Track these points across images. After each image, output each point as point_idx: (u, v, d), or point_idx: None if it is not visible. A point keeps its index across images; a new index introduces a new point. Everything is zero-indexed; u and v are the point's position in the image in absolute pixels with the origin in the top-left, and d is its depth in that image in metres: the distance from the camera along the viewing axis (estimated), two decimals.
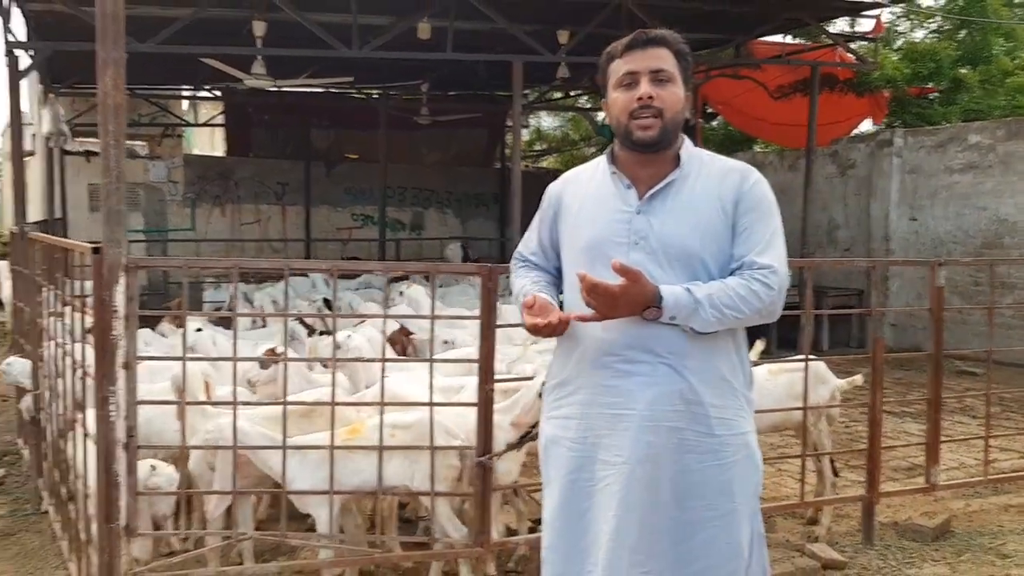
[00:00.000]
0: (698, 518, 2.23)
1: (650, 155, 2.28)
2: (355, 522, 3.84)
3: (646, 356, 2.21)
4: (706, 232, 2.24)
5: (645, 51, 2.26)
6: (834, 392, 4.50)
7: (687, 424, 2.21)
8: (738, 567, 2.27)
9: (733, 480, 2.24)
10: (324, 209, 16.36)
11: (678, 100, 2.26)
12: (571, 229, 2.39)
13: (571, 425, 2.32)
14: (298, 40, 8.74)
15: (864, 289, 10.99)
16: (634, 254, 2.23)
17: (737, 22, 10.15)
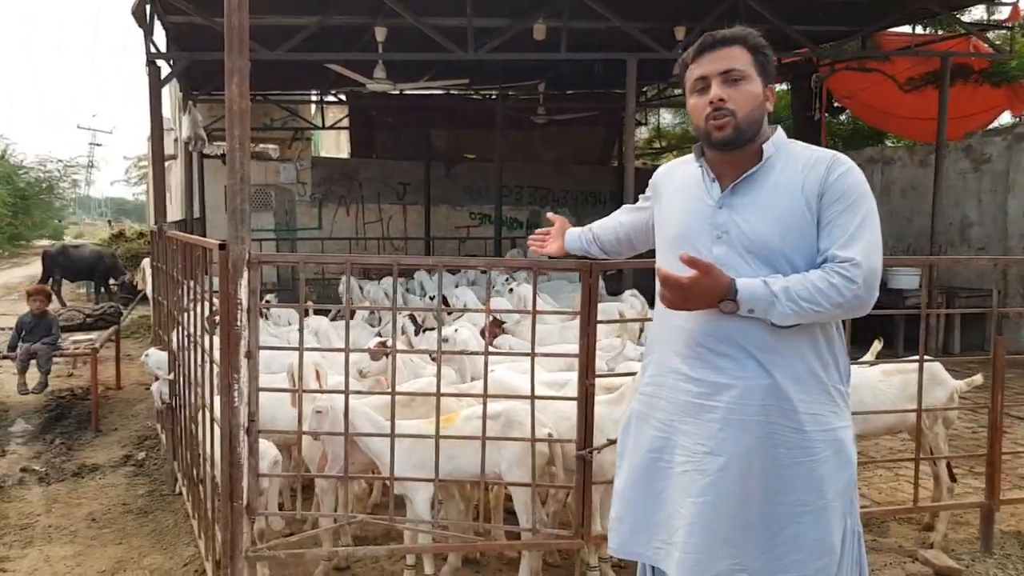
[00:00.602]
0: (788, 512, 2.22)
1: (731, 153, 2.29)
2: (457, 508, 3.98)
3: (732, 350, 2.23)
4: (788, 226, 2.21)
5: (715, 53, 2.27)
6: (952, 394, 4.33)
7: (776, 419, 2.21)
8: (829, 564, 2.25)
9: (824, 476, 2.22)
10: (443, 208, 16.75)
11: (752, 97, 2.25)
12: (662, 219, 2.47)
13: (657, 404, 2.37)
14: (416, 44, 9.01)
15: (1001, 289, 10.43)
16: (717, 248, 2.25)
17: (861, 13, 9.80)
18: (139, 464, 6.05)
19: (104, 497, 5.39)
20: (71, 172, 38.47)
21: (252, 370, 3.37)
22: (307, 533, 3.90)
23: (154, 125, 8.22)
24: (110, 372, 8.73)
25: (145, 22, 8.04)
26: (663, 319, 2.38)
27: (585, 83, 14.82)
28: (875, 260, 2.17)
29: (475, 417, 3.66)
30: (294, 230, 15.37)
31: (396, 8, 8.08)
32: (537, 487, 3.71)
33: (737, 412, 2.21)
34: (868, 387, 4.22)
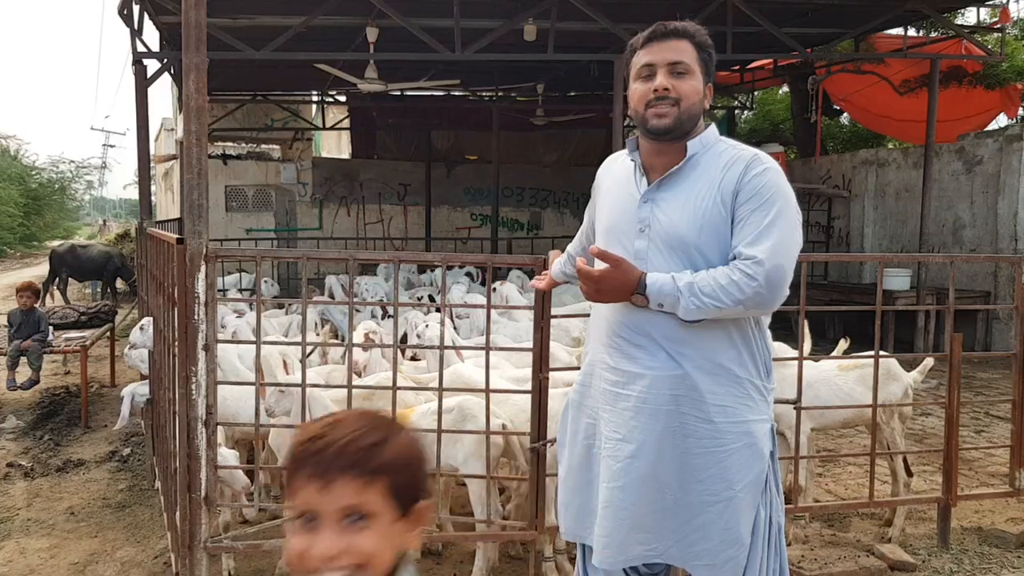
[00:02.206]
0: (698, 501, 2.28)
1: (665, 144, 2.31)
2: None
3: (646, 341, 2.29)
4: (704, 222, 2.24)
5: (664, 43, 2.28)
6: (906, 389, 4.38)
7: (687, 409, 2.26)
8: (738, 555, 2.29)
9: (732, 468, 2.26)
10: (444, 209, 16.84)
11: (695, 91, 2.27)
12: (600, 212, 2.53)
13: (588, 393, 2.47)
14: (408, 45, 9.11)
15: (991, 291, 10.43)
16: (639, 241, 2.31)
17: (851, 15, 9.84)
18: (124, 460, 6.14)
19: (85, 491, 5.49)
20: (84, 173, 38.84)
21: (210, 363, 3.45)
22: (268, 523, 3.98)
23: (140, 124, 8.33)
24: (105, 370, 8.85)
25: (132, 22, 8.17)
26: (595, 311, 2.48)
27: (584, 85, 14.89)
28: (780, 259, 2.18)
29: (431, 412, 3.74)
30: (295, 230, 15.49)
31: (384, 9, 8.18)
32: (492, 479, 3.78)
33: (648, 401, 2.27)
34: (825, 382, 4.28)
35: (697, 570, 2.33)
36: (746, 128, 18.77)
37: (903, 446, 4.47)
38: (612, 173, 2.53)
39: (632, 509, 2.30)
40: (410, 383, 4.21)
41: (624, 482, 2.30)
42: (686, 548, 2.31)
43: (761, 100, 18.56)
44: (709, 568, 2.30)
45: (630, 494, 2.30)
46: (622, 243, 2.32)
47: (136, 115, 8.28)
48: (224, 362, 4.22)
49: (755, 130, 18.48)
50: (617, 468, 2.32)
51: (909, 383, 4.40)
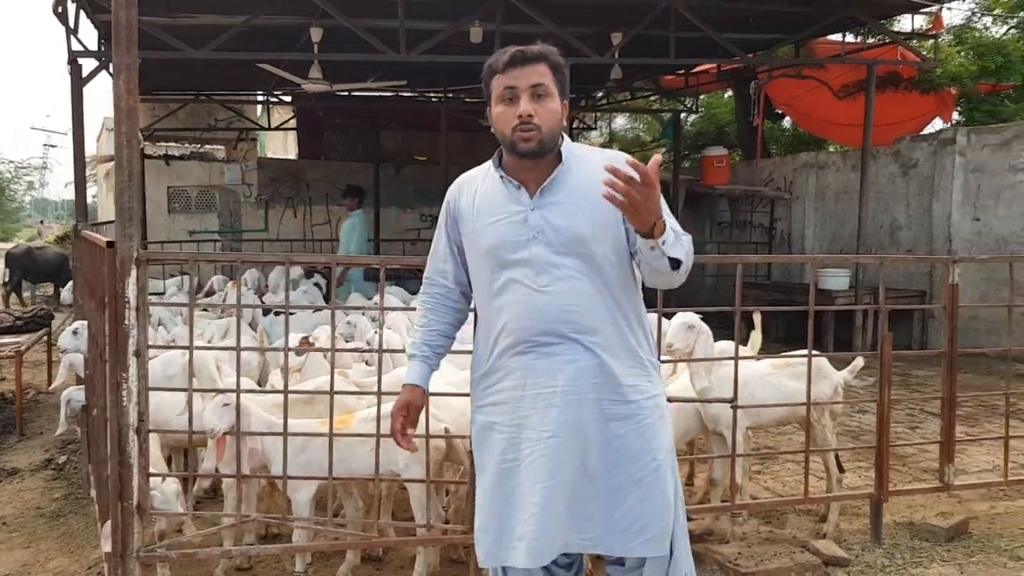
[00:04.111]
0: (628, 481, 2.43)
1: (534, 160, 2.44)
2: (356, 506, 4.03)
3: (559, 339, 2.41)
4: (595, 220, 2.40)
5: (525, 68, 2.39)
6: (836, 387, 4.48)
7: (605, 395, 2.42)
8: (670, 518, 2.47)
9: (652, 439, 2.46)
10: (393, 210, 16.72)
11: (554, 113, 2.41)
12: (471, 234, 2.55)
13: (500, 410, 2.50)
14: (352, 46, 9.04)
15: (926, 290, 10.72)
16: (534, 247, 2.42)
17: (792, 21, 10.03)
18: (59, 468, 6.00)
19: (19, 501, 5.35)
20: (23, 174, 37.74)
21: (141, 368, 3.39)
22: (203, 532, 3.93)
23: (76, 124, 8.14)
24: (43, 376, 8.63)
25: (67, 20, 7.98)
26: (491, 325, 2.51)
27: None
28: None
29: (371, 419, 3.72)
30: (239, 232, 15.26)
31: (328, 9, 8.11)
32: (433, 483, 3.78)
33: (572, 393, 2.40)
34: (760, 380, 4.35)
35: (633, 549, 2.45)
36: (692, 131, 19.00)
37: (835, 443, 4.57)
38: (475, 194, 2.57)
39: (568, 503, 2.40)
40: (352, 388, 4.18)
41: (562, 477, 2.39)
42: (619, 532, 2.43)
43: (707, 104, 18.80)
44: (646, 543, 2.43)
45: (565, 488, 2.40)
46: (515, 255, 2.42)
47: (72, 115, 8.09)
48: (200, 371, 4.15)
49: (701, 133, 18.72)
50: (552, 465, 2.40)
51: (839, 382, 4.50)
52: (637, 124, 23.50)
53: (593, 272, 2.42)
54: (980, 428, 6.82)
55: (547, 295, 2.40)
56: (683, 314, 4.19)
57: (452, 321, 2.77)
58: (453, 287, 2.71)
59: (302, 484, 3.68)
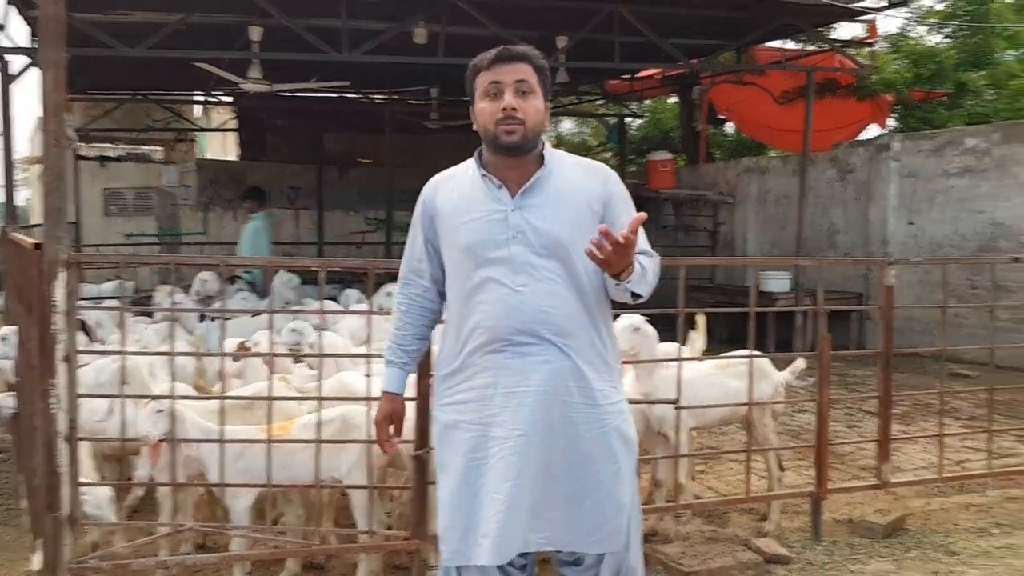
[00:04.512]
0: (590, 483, 2.48)
1: (516, 158, 2.48)
2: (296, 514, 3.95)
3: (534, 339, 2.44)
4: (575, 225, 2.45)
5: (509, 65, 2.46)
6: (777, 388, 4.54)
7: (576, 397, 2.46)
8: (623, 521, 2.55)
9: (615, 443, 2.52)
10: (337, 213, 16.52)
11: (538, 111, 2.47)
12: (449, 231, 2.55)
13: (468, 408, 2.50)
14: (293, 45, 8.91)
15: (863, 292, 10.95)
16: (513, 247, 2.44)
17: (733, 28, 10.18)
18: None
19: None
20: None
21: (71, 375, 3.28)
22: (138, 542, 3.81)
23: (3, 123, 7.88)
24: None
25: None
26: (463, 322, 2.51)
27: None
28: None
29: (312, 424, 3.65)
30: (177, 235, 14.92)
31: (267, 7, 7.99)
32: (375, 489, 3.73)
33: (545, 393, 2.43)
34: (703, 381, 4.38)
35: (591, 547, 2.52)
36: (637, 135, 19.18)
37: (776, 442, 4.63)
38: (450, 194, 2.58)
39: (531, 502, 2.44)
40: (293, 393, 4.10)
41: (526, 477, 2.42)
42: (577, 530, 2.49)
43: (651, 109, 18.99)
44: (601, 542, 2.51)
45: (530, 487, 2.43)
46: (494, 253, 2.45)
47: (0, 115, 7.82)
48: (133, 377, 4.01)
49: (646, 137, 18.90)
50: (519, 464, 2.42)
51: (780, 382, 4.57)
52: (583, 128, 23.66)
53: (569, 276, 2.46)
54: (915, 426, 6.99)
55: (524, 295, 2.43)
56: (628, 316, 4.20)
57: (427, 323, 2.76)
58: (430, 286, 2.69)
59: (240, 492, 3.59)
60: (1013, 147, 9.51)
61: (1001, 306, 7.66)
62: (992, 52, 12.85)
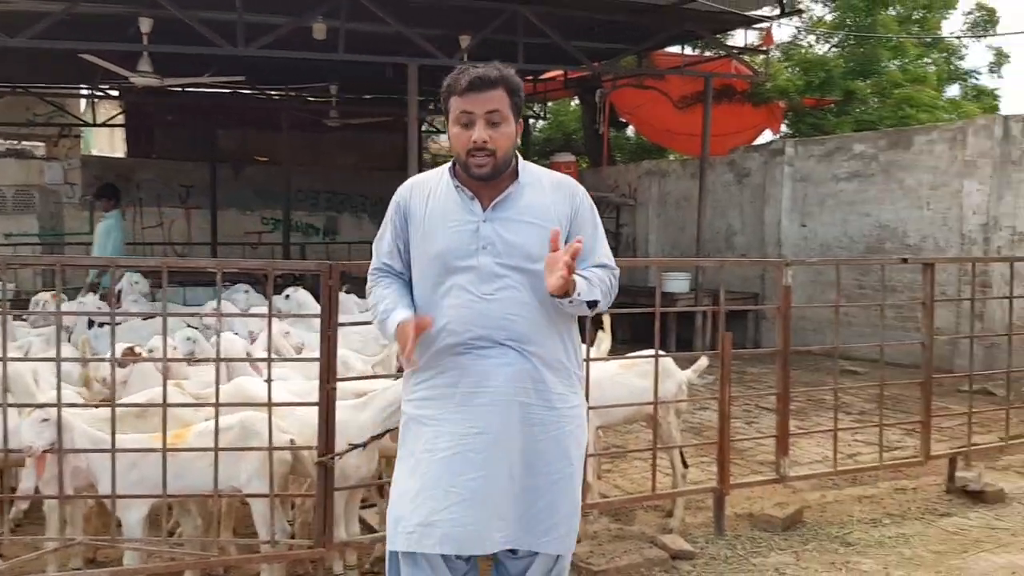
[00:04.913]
0: (544, 483, 2.57)
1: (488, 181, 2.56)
2: (194, 524, 3.78)
3: (495, 344, 2.52)
4: (543, 240, 2.48)
5: (482, 94, 2.49)
6: (681, 386, 4.61)
7: (534, 400, 2.55)
8: (576, 521, 2.67)
9: (570, 446, 2.62)
10: (232, 213, 16.07)
11: (509, 138, 2.54)
12: (420, 237, 2.61)
13: (430, 404, 2.58)
14: (186, 38, 8.57)
15: (759, 292, 11.30)
16: (482, 257, 2.53)
17: (633, 32, 10.33)
18: None
19: None
20: None
21: None
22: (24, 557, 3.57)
23: None
24: None
25: None
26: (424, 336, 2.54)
27: (380, 87, 14.69)
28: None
29: (209, 432, 3.50)
30: (61, 235, 14.20)
31: None
32: (278, 497, 3.59)
33: (503, 394, 2.51)
34: (609, 380, 4.40)
35: (545, 546, 2.59)
36: (540, 137, 19.30)
37: (680, 440, 4.69)
38: (429, 199, 2.63)
39: (494, 497, 2.50)
40: (189, 399, 3.91)
41: (487, 472, 2.49)
42: (532, 529, 2.56)
43: (554, 111, 19.15)
44: (557, 540, 2.60)
45: (492, 483, 2.50)
46: (463, 262, 2.53)
47: None
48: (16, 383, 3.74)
49: (549, 139, 19.05)
50: (479, 460, 2.50)
51: (683, 380, 4.63)
52: None
53: (534, 287, 2.52)
54: (810, 421, 7.22)
55: (489, 303, 2.51)
56: None
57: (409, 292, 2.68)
58: (403, 272, 2.71)
59: (133, 503, 3.41)
60: (898, 153, 9.98)
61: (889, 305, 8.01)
62: (878, 62, 13.47)
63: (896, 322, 9.19)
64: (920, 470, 5.54)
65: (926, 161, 9.69)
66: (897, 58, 13.89)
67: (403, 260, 2.68)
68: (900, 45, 13.80)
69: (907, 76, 13.45)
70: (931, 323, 5.18)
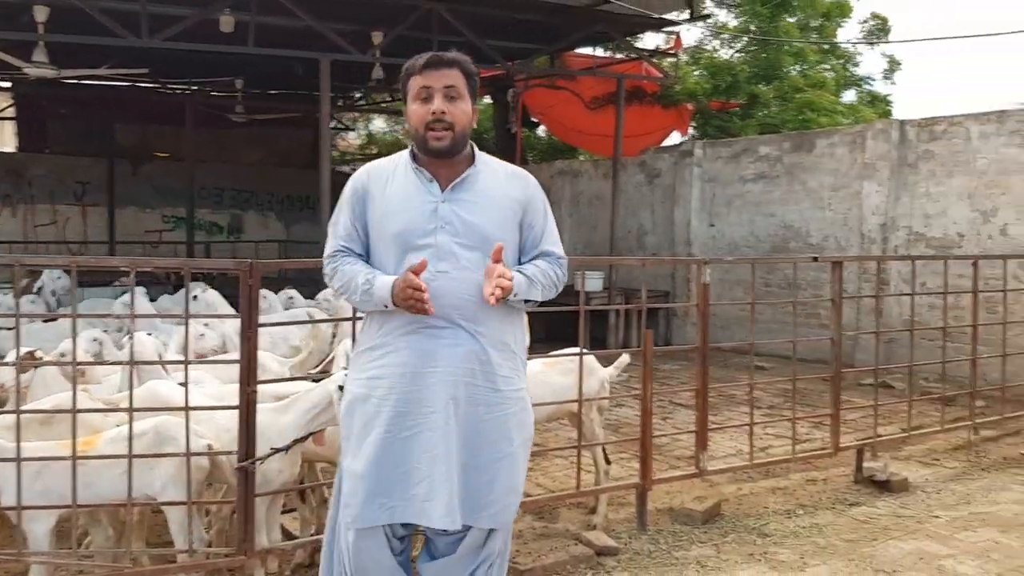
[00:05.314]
0: (486, 461, 2.65)
1: (445, 159, 2.66)
2: (106, 535, 3.60)
3: (447, 323, 2.62)
4: (499, 221, 2.67)
5: (439, 71, 2.62)
6: (603, 382, 4.64)
7: (480, 381, 2.64)
8: (515, 501, 2.75)
9: (512, 428, 2.70)
10: (131, 210, 15.51)
11: (466, 114, 2.66)
12: (379, 218, 2.69)
13: (380, 384, 2.65)
14: (86, 27, 8.20)
15: (670, 290, 11.53)
16: (440, 236, 2.62)
17: (547, 33, 10.40)
18: None
19: None
20: None
21: None
22: None
23: None
24: None
25: None
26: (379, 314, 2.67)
27: (288, 83, 14.40)
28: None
29: (121, 438, 3.33)
30: None
31: None
32: (195, 504, 3.45)
33: (452, 374, 2.60)
34: (532, 379, 4.37)
35: (482, 521, 2.67)
36: None
37: (603, 437, 4.73)
38: (388, 183, 2.72)
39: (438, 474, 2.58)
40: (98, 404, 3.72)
41: (430, 450, 2.58)
42: (472, 505, 2.64)
43: None
44: (493, 517, 2.68)
45: (435, 460, 2.58)
46: (421, 240, 2.61)
47: None
48: None
49: None
50: (424, 438, 2.59)
51: (605, 377, 4.67)
52: (396, 126, 23.44)
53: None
54: (721, 416, 7.38)
55: (442, 281, 2.58)
56: None
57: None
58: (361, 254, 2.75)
59: (40, 514, 3.22)
60: (801, 155, 10.33)
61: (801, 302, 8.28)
62: (780, 67, 13.91)
63: (800, 319, 9.49)
64: (829, 461, 5.74)
65: (828, 163, 10.07)
66: (798, 64, 14.37)
67: (361, 242, 2.74)
68: (801, 51, 14.29)
69: (807, 81, 13.93)
70: (839, 319, 5.37)
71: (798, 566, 4.15)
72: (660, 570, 4.11)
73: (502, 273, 2.51)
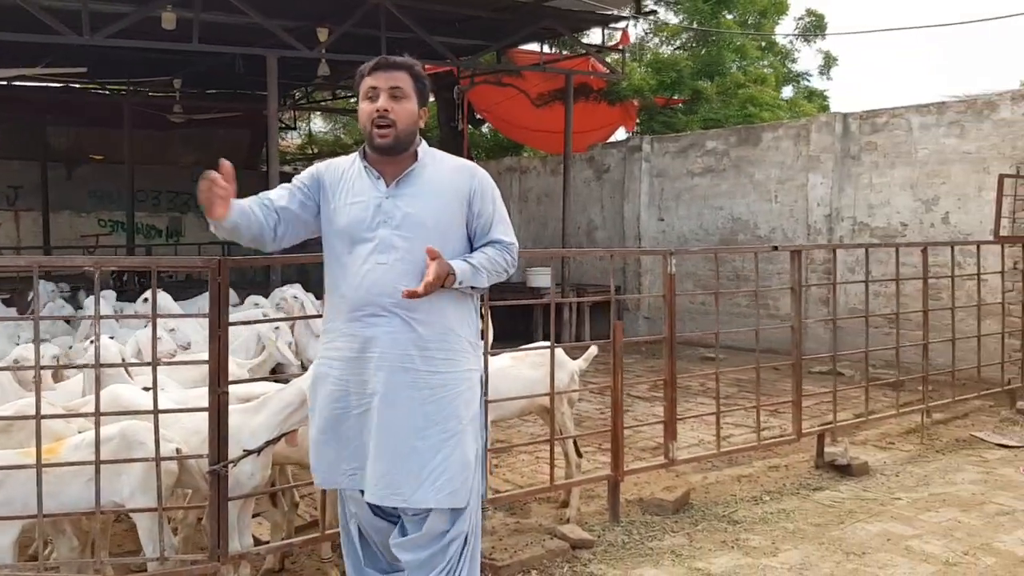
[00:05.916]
0: (435, 442, 2.76)
1: (391, 156, 2.81)
2: (70, 545, 3.46)
3: (383, 311, 2.75)
4: (441, 213, 2.81)
5: (387, 73, 2.78)
6: (572, 375, 4.64)
7: (420, 366, 2.76)
8: (469, 476, 2.83)
9: (459, 406, 2.82)
10: (66, 214, 15.08)
11: (410, 114, 2.80)
12: (331, 213, 2.86)
13: (334, 365, 2.84)
14: (21, 24, 7.90)
15: (620, 284, 11.60)
16: (382, 230, 2.77)
17: (493, 29, 10.37)
18: None
19: None
20: None
21: None
22: None
23: None
24: None
25: None
26: (333, 292, 2.87)
27: (227, 82, 14.12)
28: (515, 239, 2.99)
29: (86, 444, 3.21)
30: None
31: None
32: (165, 510, 3.34)
33: (387, 359, 2.74)
34: (501, 374, 4.34)
35: (441, 501, 2.77)
36: None
37: (573, 429, 4.73)
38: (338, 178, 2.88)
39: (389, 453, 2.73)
40: (58, 410, 3.58)
41: (385, 431, 2.73)
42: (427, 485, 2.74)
43: None
44: (451, 495, 2.77)
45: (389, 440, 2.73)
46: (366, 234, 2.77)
47: None
48: None
49: None
50: (378, 420, 2.74)
51: (575, 370, 4.67)
52: (336, 126, 23.14)
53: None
54: (680, 407, 7.44)
55: (381, 272, 2.73)
56: None
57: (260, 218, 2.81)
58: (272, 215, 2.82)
59: (3, 526, 3.07)
60: (747, 149, 10.50)
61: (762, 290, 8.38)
62: (722, 63, 14.12)
63: (749, 309, 9.66)
64: (789, 448, 5.84)
65: (773, 156, 10.25)
66: (738, 60, 14.60)
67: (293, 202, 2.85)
68: (742, 48, 14.52)
69: (749, 77, 14.16)
70: (799, 307, 5.46)
71: (770, 551, 4.20)
72: (636, 560, 4.12)
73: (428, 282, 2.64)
